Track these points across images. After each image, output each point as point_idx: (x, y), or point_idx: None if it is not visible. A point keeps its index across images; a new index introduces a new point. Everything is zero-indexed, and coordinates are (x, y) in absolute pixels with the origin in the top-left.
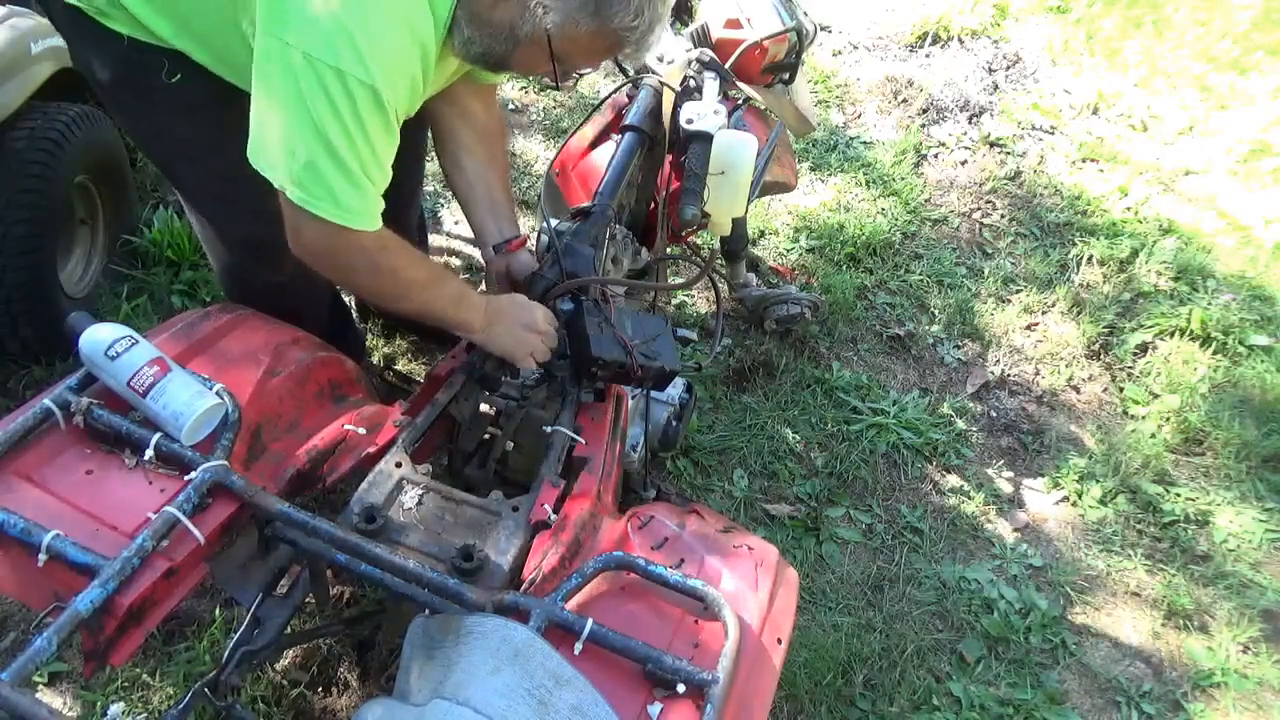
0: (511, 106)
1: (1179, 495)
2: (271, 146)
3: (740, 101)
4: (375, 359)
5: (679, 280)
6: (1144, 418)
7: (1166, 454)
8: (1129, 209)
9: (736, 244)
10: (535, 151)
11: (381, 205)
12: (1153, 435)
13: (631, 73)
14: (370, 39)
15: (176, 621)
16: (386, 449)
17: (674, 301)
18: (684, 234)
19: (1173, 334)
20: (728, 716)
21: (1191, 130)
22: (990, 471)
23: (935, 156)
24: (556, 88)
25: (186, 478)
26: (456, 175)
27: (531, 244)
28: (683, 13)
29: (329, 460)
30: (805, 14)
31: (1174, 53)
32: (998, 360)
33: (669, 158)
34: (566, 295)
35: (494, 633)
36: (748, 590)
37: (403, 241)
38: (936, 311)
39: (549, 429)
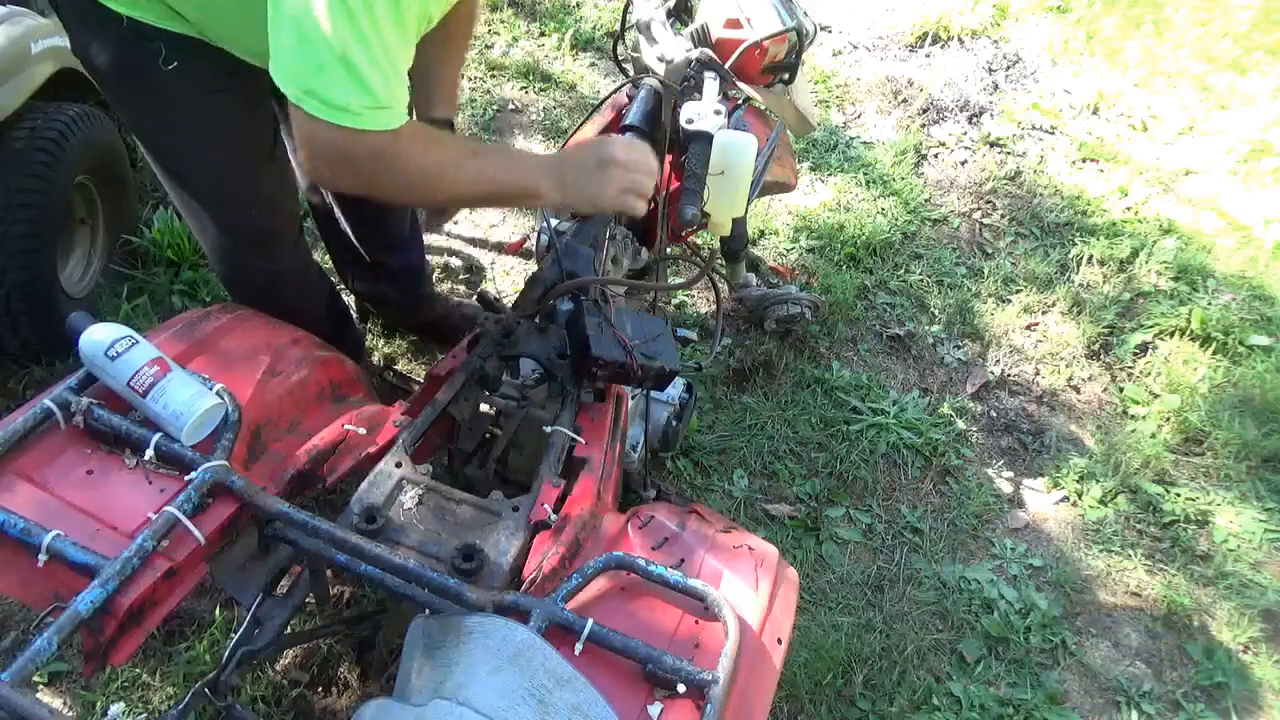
0: (512, 106)
1: (1179, 495)
2: (283, 55)
3: (740, 101)
4: (375, 359)
5: (679, 280)
6: (1144, 418)
7: (1166, 454)
8: (1129, 209)
9: (736, 244)
10: (535, 151)
11: (404, 99)
12: (1153, 435)
13: (632, 73)
14: None
15: (176, 621)
16: (386, 449)
17: (674, 301)
18: (684, 234)
19: (1173, 334)
20: (728, 717)
21: (1191, 130)
22: (990, 471)
23: (935, 156)
24: None
25: (187, 478)
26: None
27: (531, 244)
28: (682, 12)
29: (329, 460)
30: (805, 14)
31: (1174, 53)
32: (998, 360)
33: (669, 158)
34: (566, 295)
35: (494, 633)
36: (748, 590)
37: (418, 126)
38: (936, 311)
39: (549, 429)
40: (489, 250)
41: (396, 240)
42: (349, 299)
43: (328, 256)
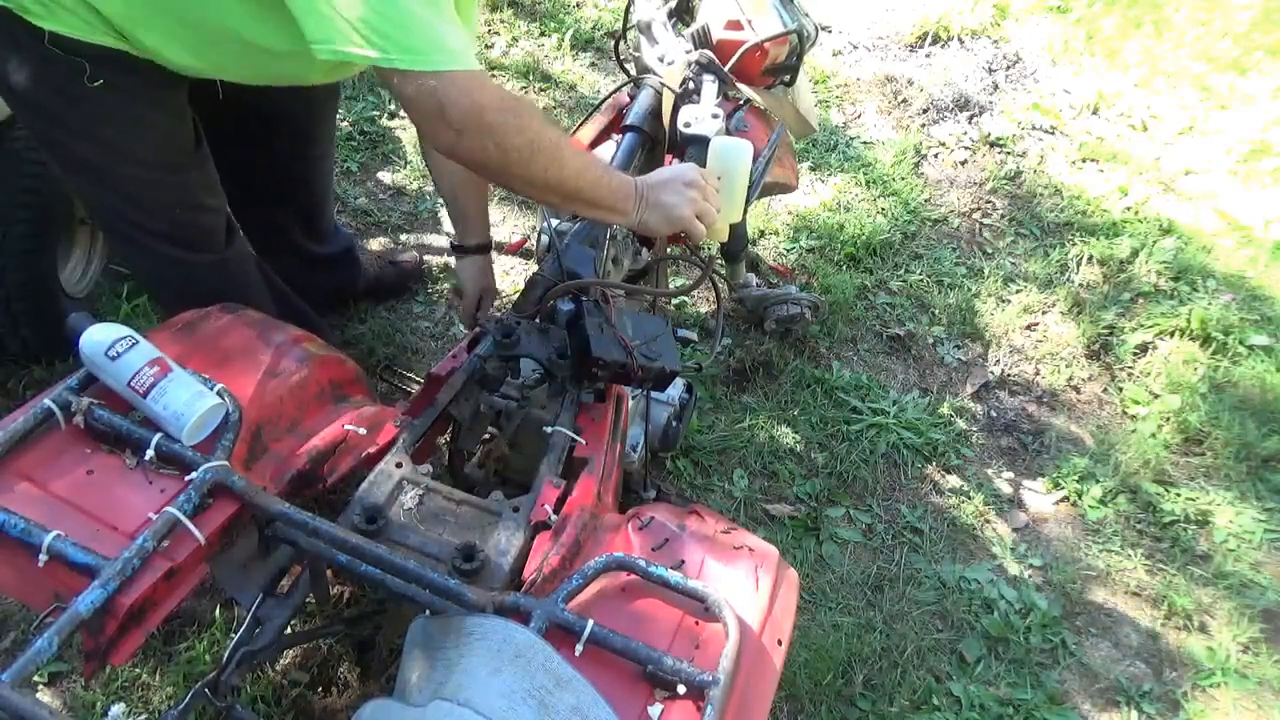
0: None
1: (1179, 495)
2: (349, 25)
3: (742, 102)
4: (375, 359)
5: (679, 280)
6: (1144, 418)
7: (1166, 454)
8: (1129, 209)
9: (736, 244)
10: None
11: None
12: (1153, 435)
13: (633, 73)
14: None
15: (176, 621)
16: (387, 449)
17: (674, 301)
18: (683, 235)
19: (1173, 334)
20: (728, 717)
21: (1191, 130)
22: (990, 471)
23: (935, 156)
24: None
25: (187, 478)
26: (438, 178)
27: (531, 244)
28: (684, 13)
29: (329, 460)
30: (807, 15)
31: (1174, 53)
32: (998, 360)
33: (669, 159)
34: (566, 296)
35: (495, 634)
36: (748, 591)
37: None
38: (936, 311)
39: (549, 429)
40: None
41: (329, 231)
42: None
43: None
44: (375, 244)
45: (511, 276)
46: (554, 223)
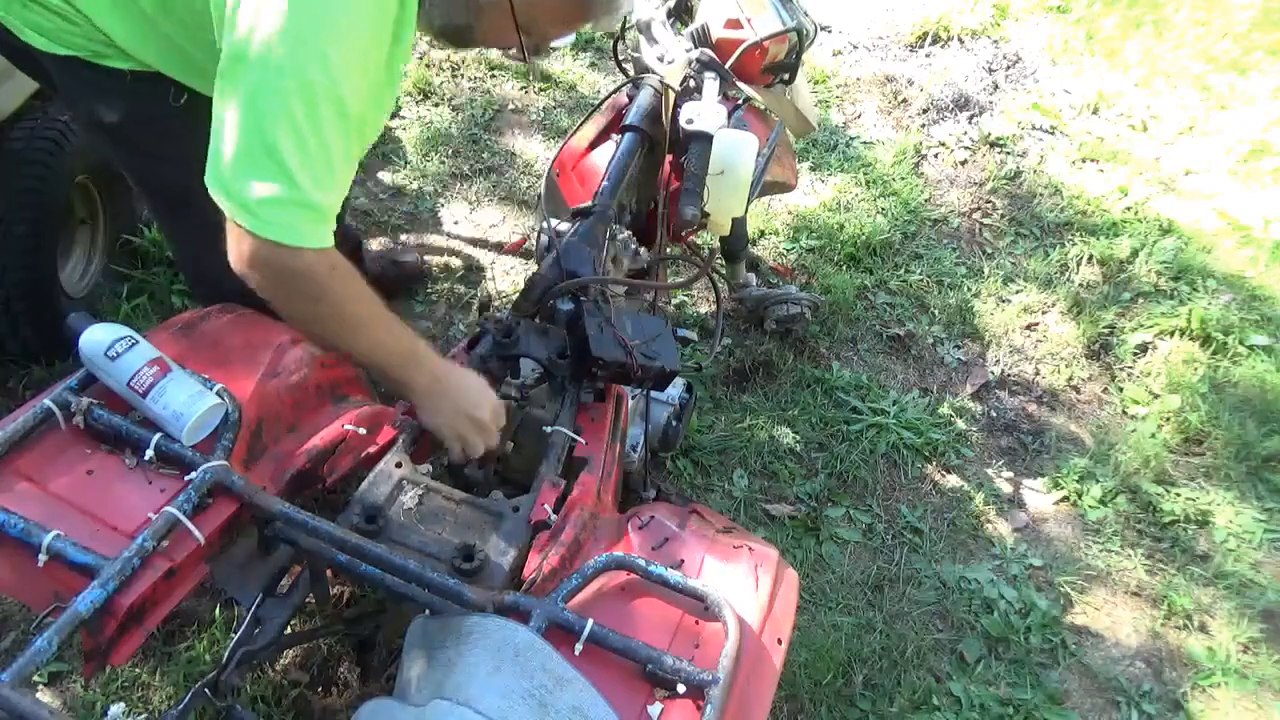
0: (511, 107)
1: (1179, 495)
2: (220, 165)
3: (741, 100)
4: None
5: (679, 280)
6: (1144, 418)
7: (1166, 454)
8: (1129, 209)
9: (736, 244)
10: (535, 151)
11: (334, 223)
12: (1153, 435)
13: (632, 73)
14: (333, 36)
15: (176, 621)
16: (387, 449)
17: (674, 301)
18: (684, 234)
19: (1173, 334)
20: (728, 717)
21: (1191, 130)
22: (990, 471)
23: (935, 156)
24: (524, 60)
25: (187, 478)
26: None
27: (531, 244)
28: (683, 13)
29: (329, 460)
30: (806, 14)
31: (1174, 53)
32: (998, 360)
33: (669, 158)
34: (566, 295)
35: (494, 633)
36: (748, 590)
37: (354, 269)
38: (936, 311)
39: (549, 429)
40: (489, 250)
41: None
42: None
43: None
44: (375, 244)
45: (511, 276)
46: (554, 223)
